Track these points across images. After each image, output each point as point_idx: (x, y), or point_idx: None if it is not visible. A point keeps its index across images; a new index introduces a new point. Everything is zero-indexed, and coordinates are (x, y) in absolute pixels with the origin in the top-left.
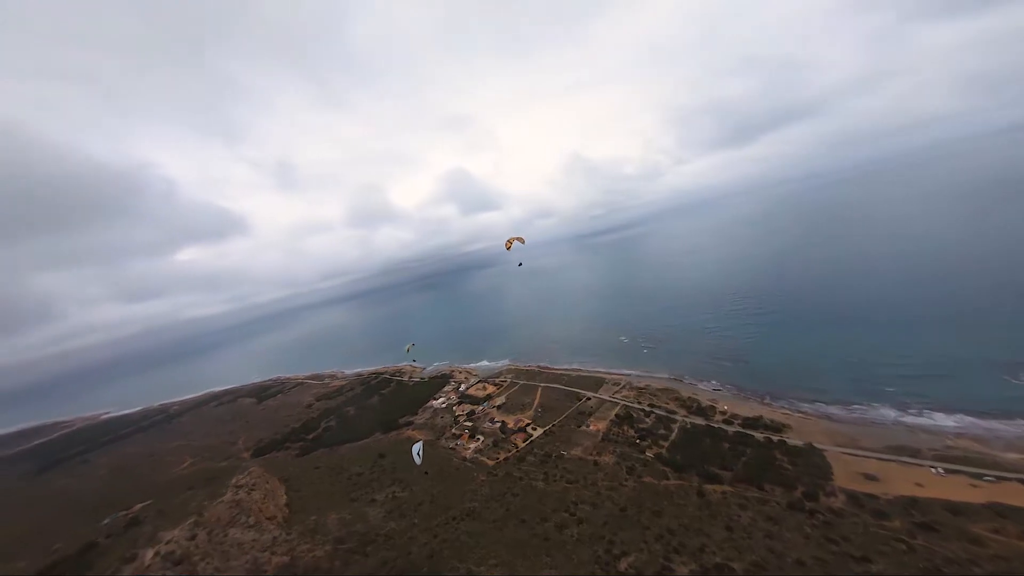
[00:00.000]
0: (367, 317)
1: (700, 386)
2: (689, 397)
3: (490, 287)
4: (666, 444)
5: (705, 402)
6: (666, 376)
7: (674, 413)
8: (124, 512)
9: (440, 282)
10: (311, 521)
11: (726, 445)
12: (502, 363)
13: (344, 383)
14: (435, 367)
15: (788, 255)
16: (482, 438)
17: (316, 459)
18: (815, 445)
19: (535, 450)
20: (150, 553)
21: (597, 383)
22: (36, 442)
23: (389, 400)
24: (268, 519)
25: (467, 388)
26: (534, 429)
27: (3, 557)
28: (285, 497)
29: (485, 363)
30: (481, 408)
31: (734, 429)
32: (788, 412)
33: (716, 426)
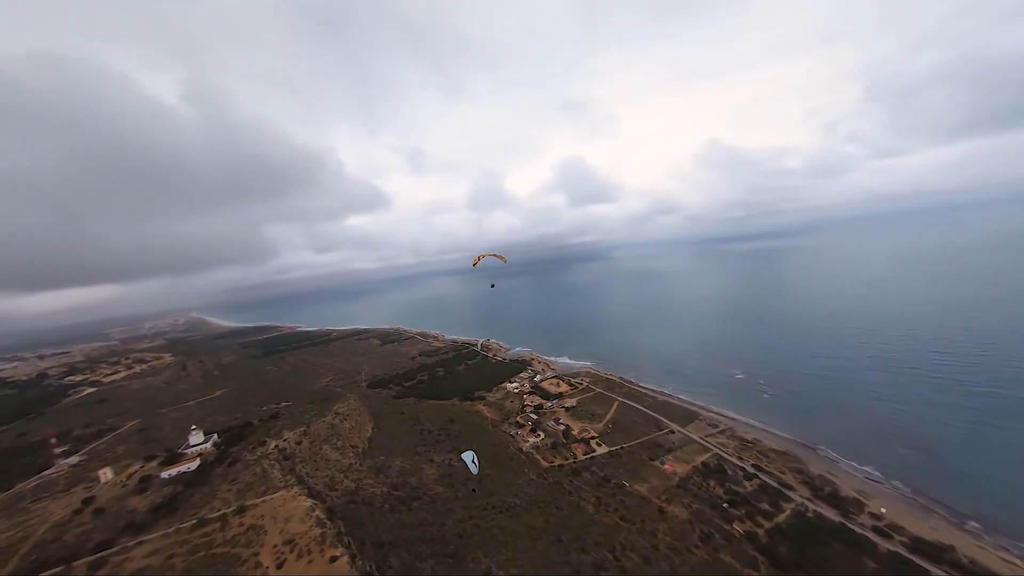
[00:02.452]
0: (471, 292)
1: (843, 465)
2: (820, 476)
3: (589, 282)
4: (767, 525)
5: (847, 491)
6: (789, 437)
7: (790, 488)
8: (275, 405)
9: (541, 269)
10: (380, 460)
11: (871, 564)
12: (583, 364)
13: (442, 346)
14: (517, 351)
15: None
16: (542, 435)
17: (404, 405)
18: None
19: (594, 468)
20: (272, 444)
21: (687, 417)
22: (263, 336)
23: (472, 371)
24: (351, 447)
25: (542, 380)
26: (599, 444)
27: (218, 411)
28: (370, 431)
29: (566, 359)
30: (549, 404)
31: (891, 547)
32: (1014, 561)
33: (857, 531)
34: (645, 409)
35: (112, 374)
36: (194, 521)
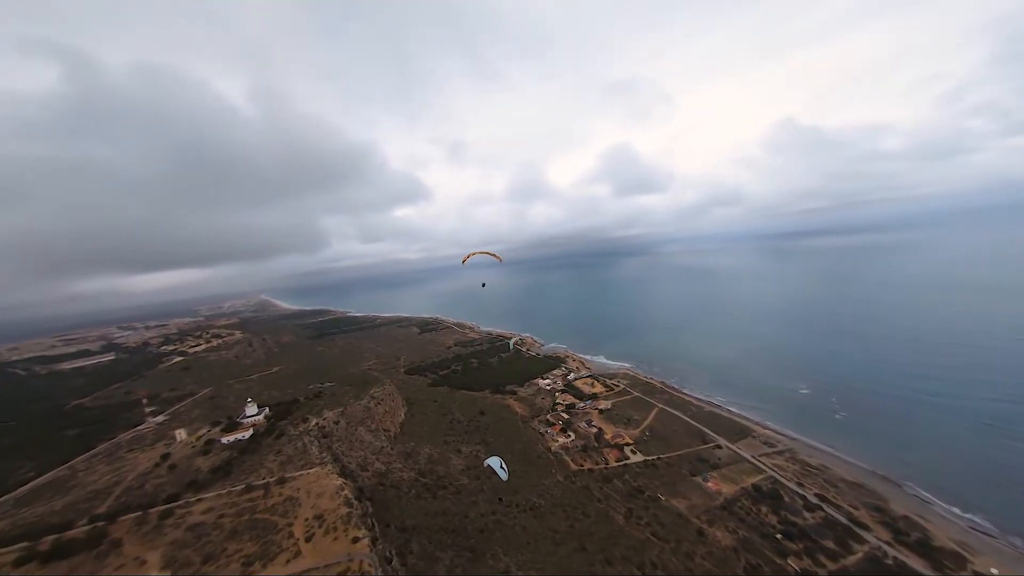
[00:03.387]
0: (509, 285)
1: (938, 508)
2: (905, 517)
3: (634, 278)
4: (831, 566)
5: (942, 540)
6: (866, 467)
7: (863, 527)
8: (320, 385)
9: (583, 263)
10: (410, 446)
11: None
12: (620, 365)
13: (477, 337)
14: (552, 347)
15: None
16: (573, 436)
17: (437, 393)
18: None
19: (627, 476)
20: (313, 421)
21: (737, 432)
22: (318, 319)
23: (505, 364)
24: (384, 430)
25: (575, 378)
26: (633, 452)
27: (273, 386)
28: (403, 417)
29: (602, 359)
30: (582, 405)
31: None
32: None
33: None
34: (688, 419)
35: (195, 346)
36: (243, 486)
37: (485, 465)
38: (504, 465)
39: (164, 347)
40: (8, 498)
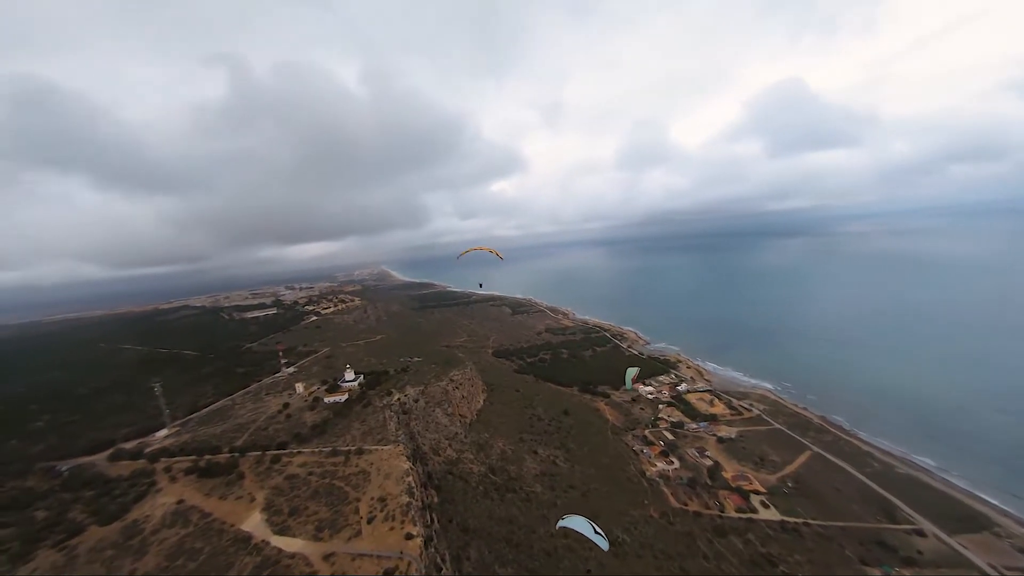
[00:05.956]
0: (612, 267)
1: None
2: None
3: (788, 266)
4: None
5: None
6: None
7: None
8: (408, 359)
9: (714, 245)
10: (484, 438)
11: None
12: (755, 382)
13: (571, 325)
14: (660, 347)
15: None
16: (677, 464)
17: (521, 382)
18: None
19: (750, 535)
20: (396, 396)
21: (960, 518)
22: (422, 292)
23: (600, 360)
24: (460, 416)
25: (688, 390)
26: (765, 505)
27: (373, 353)
28: (481, 403)
29: (730, 372)
30: (695, 427)
31: None
32: None
33: None
34: (863, 478)
35: (327, 308)
36: (330, 449)
37: (558, 527)
38: (599, 529)
39: (307, 307)
40: (195, 416)
